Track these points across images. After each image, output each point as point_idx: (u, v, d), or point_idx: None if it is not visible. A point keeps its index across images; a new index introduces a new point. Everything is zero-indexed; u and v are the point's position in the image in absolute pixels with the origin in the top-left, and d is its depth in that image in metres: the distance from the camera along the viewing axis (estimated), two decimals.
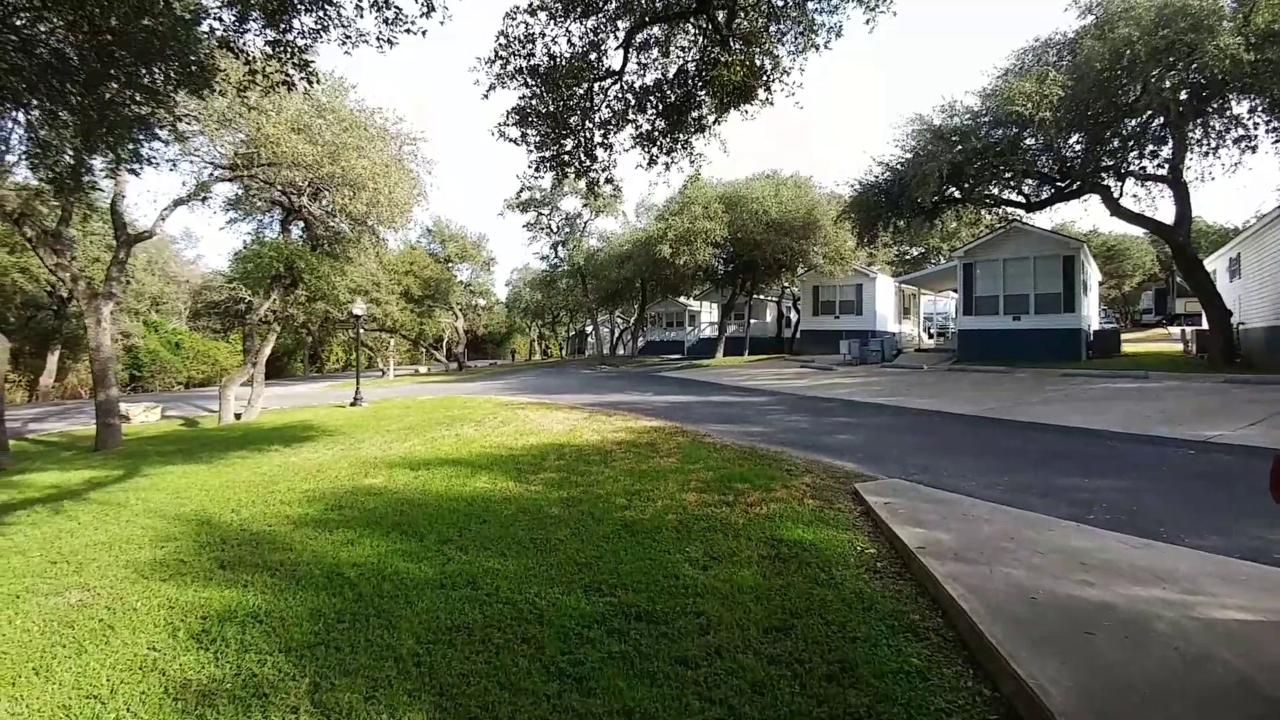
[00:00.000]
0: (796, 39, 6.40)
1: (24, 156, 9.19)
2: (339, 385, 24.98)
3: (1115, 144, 14.06)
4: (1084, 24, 13.94)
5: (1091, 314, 20.66)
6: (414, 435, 9.75)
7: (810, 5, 6.11)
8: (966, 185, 15.90)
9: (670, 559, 3.98)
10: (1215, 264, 17.70)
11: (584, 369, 30.10)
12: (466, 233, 40.09)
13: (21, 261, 21.64)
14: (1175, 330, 27.92)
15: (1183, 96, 12.17)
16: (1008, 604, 2.94)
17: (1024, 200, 17.33)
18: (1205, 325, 18.67)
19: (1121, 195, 15.83)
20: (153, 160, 10.53)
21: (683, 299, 38.22)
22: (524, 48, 6.41)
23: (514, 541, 4.44)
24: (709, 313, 41.50)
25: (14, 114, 6.68)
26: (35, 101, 5.52)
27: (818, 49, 6.34)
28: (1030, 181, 16.70)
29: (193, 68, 5.55)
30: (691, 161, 8.14)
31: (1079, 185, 15.75)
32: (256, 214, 18.99)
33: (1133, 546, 3.75)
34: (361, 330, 34.57)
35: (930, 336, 34.33)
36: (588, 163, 7.94)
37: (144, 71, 5.41)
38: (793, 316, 37.04)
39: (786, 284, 34.76)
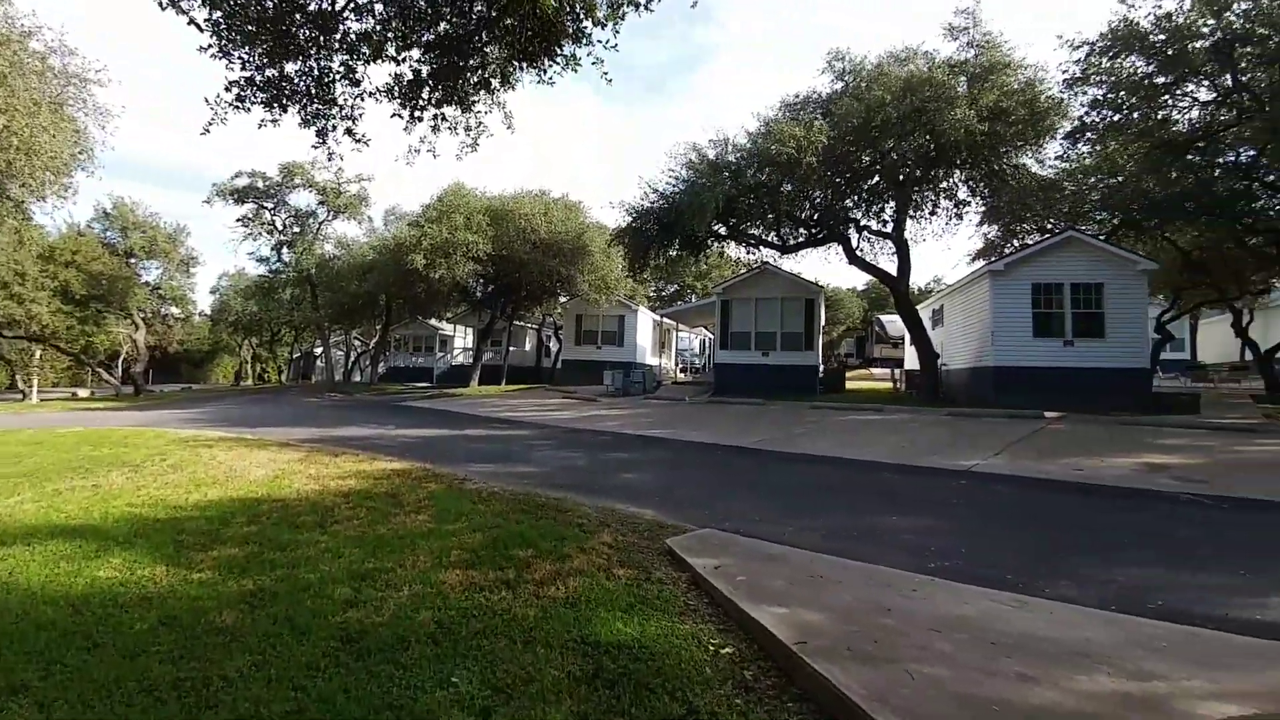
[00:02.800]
0: None
1: None
2: None
3: (851, 201, 16.04)
4: (837, 88, 15.40)
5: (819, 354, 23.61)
6: (28, 486, 6.24)
7: None
8: (734, 221, 16.67)
9: (427, 701, 2.22)
10: (921, 314, 20.69)
11: (309, 396, 25.43)
12: (159, 222, 30.84)
13: None
14: (878, 371, 33.70)
15: (909, 163, 14.18)
16: None
17: (780, 243, 18.68)
18: (908, 366, 22.20)
19: (858, 247, 17.96)
20: None
21: (434, 321, 34.54)
22: None
23: (142, 687, 2.29)
24: (463, 338, 38.06)
25: None
26: None
27: (638, 7, 5.28)
28: (787, 226, 18.05)
29: None
30: (469, 129, 6.32)
31: (826, 233, 17.46)
32: None
33: (1012, 607, 3.14)
34: None
35: (683, 371, 36.56)
36: (319, 100, 5.70)
37: None
38: (553, 346, 36.27)
39: (549, 312, 33.87)
